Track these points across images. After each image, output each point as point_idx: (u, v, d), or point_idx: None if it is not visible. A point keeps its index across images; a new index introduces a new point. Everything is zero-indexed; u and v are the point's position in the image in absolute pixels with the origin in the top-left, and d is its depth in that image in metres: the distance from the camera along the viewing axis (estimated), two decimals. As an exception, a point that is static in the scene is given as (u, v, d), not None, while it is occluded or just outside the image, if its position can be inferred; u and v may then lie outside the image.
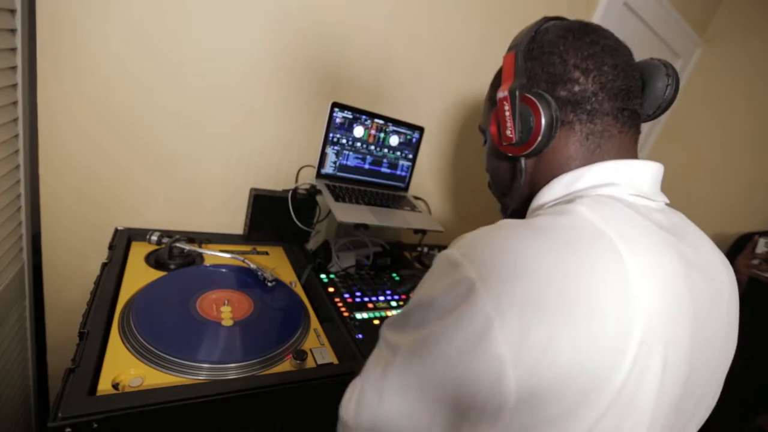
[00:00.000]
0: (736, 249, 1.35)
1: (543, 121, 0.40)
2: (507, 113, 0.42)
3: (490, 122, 0.46)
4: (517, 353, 0.28)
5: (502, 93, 0.43)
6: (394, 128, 1.05)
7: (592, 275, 0.30)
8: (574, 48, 0.41)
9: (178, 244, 0.84)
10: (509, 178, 0.49)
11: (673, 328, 0.32)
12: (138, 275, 0.76)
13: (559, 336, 0.28)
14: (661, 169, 0.42)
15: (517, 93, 0.42)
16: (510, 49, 0.44)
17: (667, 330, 0.32)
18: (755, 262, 1.21)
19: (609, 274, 0.31)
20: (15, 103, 0.75)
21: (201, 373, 0.58)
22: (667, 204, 0.42)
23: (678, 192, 1.74)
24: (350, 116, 0.98)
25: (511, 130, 0.42)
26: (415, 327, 0.36)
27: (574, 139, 0.41)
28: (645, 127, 1.87)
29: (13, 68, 0.72)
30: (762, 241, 1.25)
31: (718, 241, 1.68)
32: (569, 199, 0.39)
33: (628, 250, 0.32)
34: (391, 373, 0.36)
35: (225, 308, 0.71)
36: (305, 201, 1.03)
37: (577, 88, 0.40)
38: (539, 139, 0.41)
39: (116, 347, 0.59)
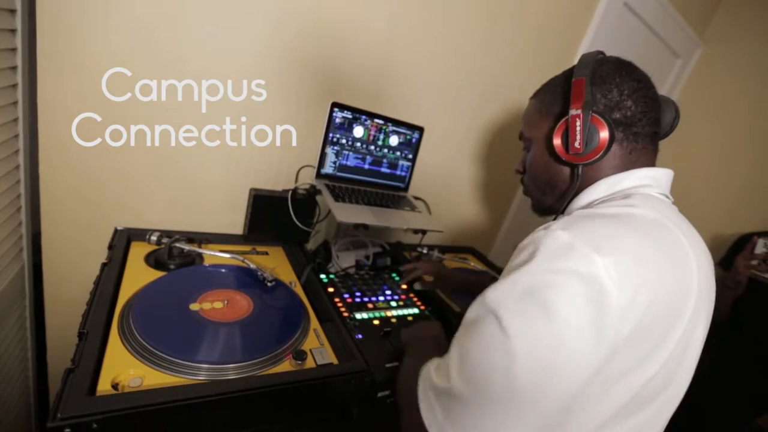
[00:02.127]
0: (735, 249, 1.35)
1: (608, 138, 0.50)
2: (579, 128, 0.51)
3: (548, 132, 0.56)
4: (623, 303, 0.38)
5: (575, 111, 0.51)
6: (394, 128, 1.05)
7: (667, 255, 0.43)
8: (626, 82, 0.52)
9: (177, 244, 0.84)
10: (562, 179, 0.57)
11: (708, 287, 0.47)
12: (138, 275, 0.76)
13: (645, 292, 0.39)
14: (671, 174, 0.54)
15: (590, 112, 0.51)
16: (577, 75, 0.53)
17: (708, 290, 0.47)
18: (754, 262, 1.21)
19: (678, 252, 0.44)
20: (15, 103, 0.75)
21: (200, 374, 0.58)
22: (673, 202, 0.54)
23: (677, 192, 1.73)
24: (350, 116, 0.98)
25: (579, 143, 0.51)
26: (535, 286, 0.40)
27: (620, 153, 0.52)
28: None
29: (14, 68, 0.73)
30: (761, 242, 1.25)
31: (717, 241, 1.68)
32: (626, 195, 0.49)
33: (683, 235, 0.45)
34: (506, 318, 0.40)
35: (224, 308, 0.71)
36: (305, 201, 1.03)
37: (629, 114, 0.51)
38: (601, 152, 0.50)
39: (116, 347, 0.59)
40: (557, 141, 0.54)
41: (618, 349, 0.38)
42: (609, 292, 0.37)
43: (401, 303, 0.94)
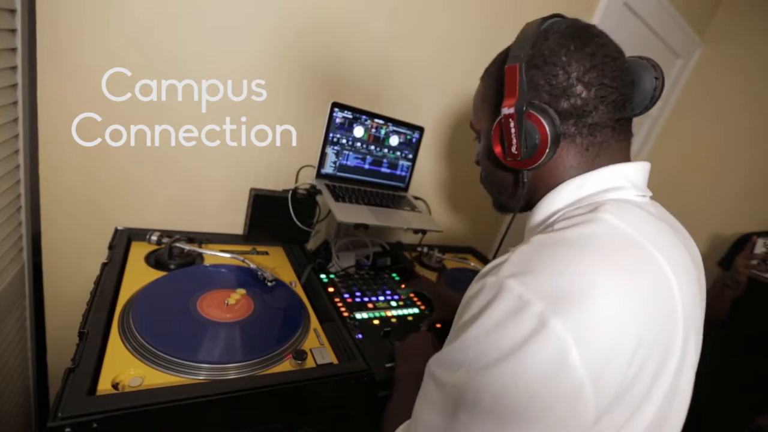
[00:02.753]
0: (735, 249, 1.35)
1: (549, 138, 0.41)
2: (513, 131, 0.43)
3: (490, 130, 0.47)
4: (594, 370, 0.31)
5: (508, 110, 0.43)
6: (394, 128, 1.05)
7: (646, 285, 0.36)
8: (576, 60, 0.41)
9: (178, 244, 0.84)
10: (510, 187, 0.50)
11: (693, 306, 0.40)
12: (138, 275, 0.76)
13: (625, 343, 0.33)
14: (648, 167, 0.46)
15: (523, 110, 0.42)
16: (511, 59, 0.43)
17: (693, 309, 0.40)
18: (754, 262, 1.21)
19: (655, 279, 0.37)
20: (15, 103, 0.75)
21: (201, 373, 0.58)
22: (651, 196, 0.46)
23: (677, 192, 1.74)
24: (350, 116, 0.98)
25: (516, 147, 0.43)
26: (476, 364, 0.34)
27: (574, 150, 0.44)
28: (645, 126, 1.87)
29: (13, 68, 0.73)
30: (760, 242, 1.25)
31: (717, 241, 1.69)
32: (593, 208, 0.40)
33: (660, 254, 0.38)
34: (462, 417, 0.34)
35: (225, 308, 0.71)
36: (305, 201, 1.03)
37: (579, 102, 0.41)
38: (544, 156, 0.42)
39: (116, 347, 0.59)
40: (496, 147, 0.46)
41: (601, 415, 0.32)
42: (573, 363, 0.30)
43: (401, 303, 0.94)
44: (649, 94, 0.46)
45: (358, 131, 1.00)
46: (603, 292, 0.32)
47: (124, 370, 0.55)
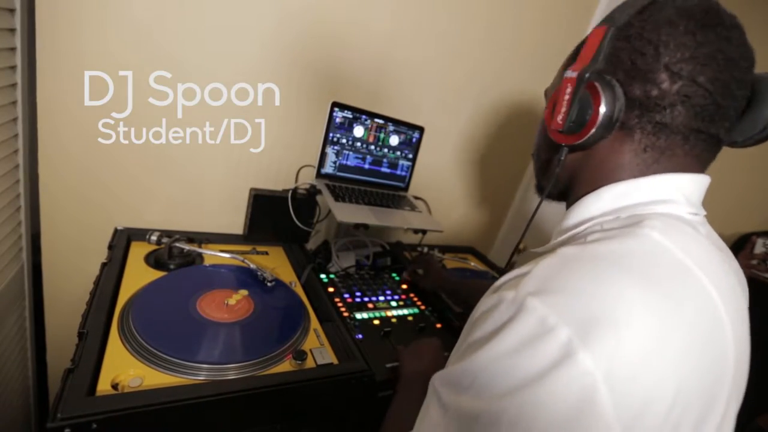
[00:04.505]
0: (734, 249, 1.35)
1: (600, 117, 0.35)
2: (566, 97, 0.37)
3: (549, 99, 0.42)
4: (625, 418, 0.26)
5: (570, 73, 0.37)
6: (394, 128, 1.05)
7: (692, 319, 0.30)
8: (676, 43, 0.33)
9: (177, 244, 0.83)
10: (546, 162, 0.45)
11: (745, 345, 0.37)
12: (137, 275, 0.76)
13: (664, 390, 0.28)
14: (708, 181, 0.39)
15: (586, 78, 0.35)
16: (606, 20, 0.37)
17: (745, 349, 0.36)
18: (754, 262, 1.21)
19: (704, 311, 0.31)
20: (14, 102, 0.75)
21: (200, 374, 0.58)
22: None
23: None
24: (350, 116, 0.98)
25: (563, 116, 0.37)
26: (487, 390, 0.29)
27: (629, 147, 0.37)
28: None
29: (13, 67, 0.72)
30: (760, 242, 1.25)
31: (718, 241, 1.65)
32: (636, 221, 0.34)
33: (710, 281, 0.32)
34: None
35: (225, 308, 0.71)
36: (305, 201, 1.03)
37: (655, 93, 0.34)
38: (588, 135, 0.36)
39: (116, 347, 0.59)
40: (546, 111, 0.41)
41: None
42: (602, 406, 0.26)
43: (401, 303, 0.94)
44: (763, 124, 0.36)
45: (358, 131, 1.00)
46: (641, 323, 0.27)
47: (124, 370, 0.55)
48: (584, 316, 0.27)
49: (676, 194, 0.36)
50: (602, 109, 0.34)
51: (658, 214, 0.35)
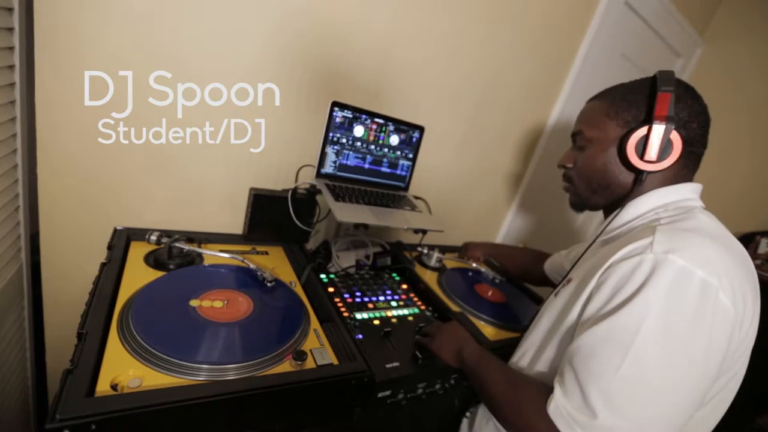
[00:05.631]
0: (736, 249, 1.35)
1: (680, 153, 0.55)
2: (659, 139, 0.54)
3: (618, 136, 0.60)
4: (738, 320, 0.45)
5: (660, 123, 0.54)
6: (394, 127, 1.05)
7: (750, 270, 0.50)
8: (695, 104, 0.57)
9: (177, 244, 0.83)
10: (620, 182, 0.61)
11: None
12: (137, 275, 0.76)
13: (747, 303, 0.47)
14: (701, 188, 0.61)
15: (672, 126, 0.55)
16: (664, 88, 0.55)
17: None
18: (758, 262, 1.21)
19: (750, 266, 0.51)
20: (13, 102, 0.74)
21: (200, 374, 0.57)
22: None
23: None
24: (350, 115, 0.97)
25: (656, 153, 0.55)
26: (659, 321, 0.43)
27: (677, 168, 0.58)
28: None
29: (11, 67, 0.72)
30: (764, 241, 1.25)
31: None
32: (685, 210, 0.55)
33: (742, 245, 0.53)
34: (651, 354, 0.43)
35: (224, 308, 0.71)
36: (305, 201, 1.03)
37: (692, 134, 0.57)
38: (672, 163, 0.55)
39: (115, 348, 0.58)
40: (632, 147, 0.57)
41: (729, 356, 0.46)
42: (729, 310, 0.43)
43: (401, 303, 0.94)
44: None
45: (358, 131, 1.00)
46: (733, 266, 0.46)
47: (123, 370, 0.55)
48: (705, 262, 0.44)
49: (693, 195, 0.58)
50: (681, 148, 0.55)
51: (693, 206, 0.56)
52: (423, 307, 0.95)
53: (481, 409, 0.76)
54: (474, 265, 1.24)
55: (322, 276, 0.95)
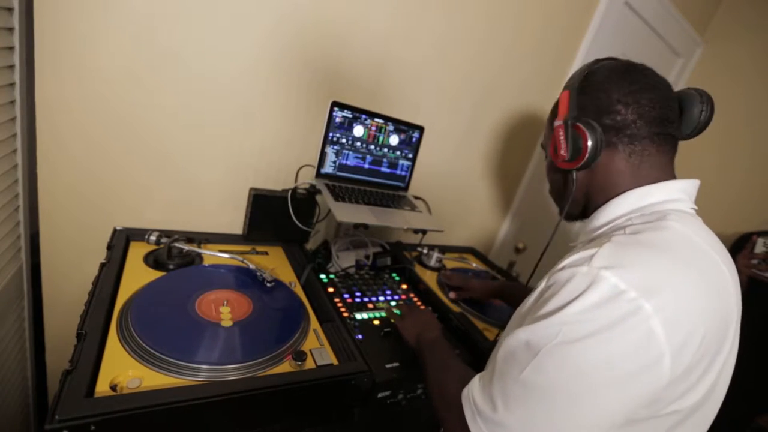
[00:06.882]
0: (735, 249, 1.35)
1: (589, 143, 0.52)
2: (561, 137, 0.54)
3: (549, 144, 0.59)
4: (674, 347, 0.39)
5: (558, 122, 0.55)
6: (394, 127, 1.05)
7: (714, 288, 0.44)
8: (617, 86, 0.52)
9: (177, 244, 0.83)
10: (563, 187, 0.60)
11: (739, 307, 0.49)
12: (137, 275, 0.76)
13: (698, 331, 0.41)
14: (698, 184, 0.54)
15: (569, 123, 0.54)
16: (565, 87, 0.56)
17: (739, 310, 0.49)
18: (754, 262, 1.21)
19: (718, 281, 0.45)
20: (13, 102, 0.74)
21: (200, 374, 0.57)
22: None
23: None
24: (350, 115, 0.97)
25: (564, 150, 0.54)
26: (571, 335, 0.40)
27: (619, 157, 0.53)
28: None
29: (11, 67, 0.72)
30: (761, 241, 1.25)
31: (718, 241, 1.64)
32: (659, 216, 0.48)
33: (720, 259, 0.46)
34: (551, 375, 0.41)
35: (224, 309, 0.71)
36: (305, 201, 1.03)
37: (619, 118, 0.52)
38: (586, 156, 0.52)
39: (114, 348, 0.58)
40: (551, 151, 0.58)
41: (670, 383, 0.40)
42: (659, 339, 0.38)
43: (401, 303, 0.94)
44: (697, 117, 0.55)
45: (358, 130, 1.00)
46: (682, 287, 0.41)
47: (123, 371, 0.55)
48: (644, 283, 0.39)
49: (680, 194, 0.51)
50: (588, 137, 0.52)
51: (672, 210, 0.49)
52: (423, 307, 0.95)
53: None
54: (474, 266, 1.24)
55: (322, 276, 0.95)
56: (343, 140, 0.99)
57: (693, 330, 0.40)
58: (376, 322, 0.83)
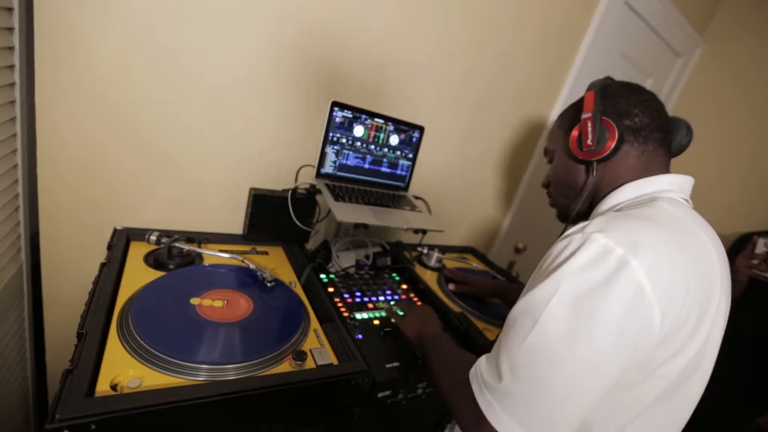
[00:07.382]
0: (735, 249, 1.35)
1: (616, 135, 0.57)
2: (590, 128, 0.59)
3: (568, 140, 0.63)
4: (661, 300, 0.42)
5: (586, 114, 0.60)
6: (394, 127, 1.05)
7: (694, 251, 0.48)
8: (633, 95, 0.60)
9: (177, 244, 0.83)
10: (580, 179, 0.63)
11: (726, 286, 0.53)
12: (137, 275, 0.76)
13: (680, 285, 0.44)
14: (693, 182, 0.60)
15: (599, 116, 0.59)
16: (588, 89, 0.62)
17: (726, 289, 0.53)
18: (755, 262, 1.21)
19: (700, 249, 0.50)
20: (13, 102, 0.74)
21: (200, 374, 0.57)
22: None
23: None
24: (350, 115, 0.97)
25: (591, 140, 0.59)
26: (568, 294, 0.43)
27: (633, 154, 0.59)
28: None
29: (11, 67, 0.72)
30: (761, 241, 1.25)
31: (718, 241, 1.63)
32: (649, 199, 0.55)
33: (705, 235, 0.52)
34: (552, 332, 0.43)
35: (224, 309, 0.71)
36: (305, 201, 1.03)
37: (636, 120, 0.58)
38: (611, 149, 0.57)
39: (115, 348, 0.58)
40: (573, 142, 0.62)
41: (660, 342, 0.43)
42: (647, 292, 0.41)
43: (400, 301, 0.94)
44: (681, 141, 0.63)
45: (358, 130, 1.00)
46: (664, 245, 0.44)
47: (123, 371, 0.55)
48: (630, 242, 0.43)
49: (673, 186, 0.57)
50: (616, 130, 0.57)
51: (665, 197, 0.55)
52: (420, 304, 0.94)
53: None
54: (474, 266, 1.24)
55: (322, 276, 0.95)
56: (344, 140, 0.99)
57: (676, 282, 0.43)
58: (376, 322, 0.83)
